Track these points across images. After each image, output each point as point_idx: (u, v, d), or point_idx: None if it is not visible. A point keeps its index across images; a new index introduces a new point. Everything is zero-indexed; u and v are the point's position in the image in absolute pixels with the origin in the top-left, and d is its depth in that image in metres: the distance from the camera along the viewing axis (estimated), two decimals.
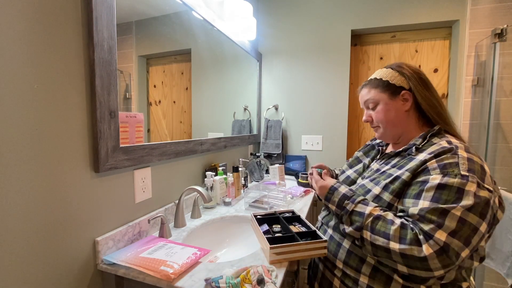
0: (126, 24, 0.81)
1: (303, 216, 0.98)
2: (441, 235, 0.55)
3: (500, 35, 1.38)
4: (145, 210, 0.91)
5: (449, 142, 0.66)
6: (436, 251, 0.54)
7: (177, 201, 0.98)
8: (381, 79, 0.77)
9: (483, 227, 0.56)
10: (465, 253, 0.55)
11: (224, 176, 1.27)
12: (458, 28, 1.59)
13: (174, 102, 1.07)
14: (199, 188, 0.93)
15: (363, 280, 0.68)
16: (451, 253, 0.54)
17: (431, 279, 0.62)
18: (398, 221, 0.61)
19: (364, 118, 0.84)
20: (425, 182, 0.61)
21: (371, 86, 0.80)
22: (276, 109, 2.00)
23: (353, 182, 0.86)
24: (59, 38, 0.61)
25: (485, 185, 0.58)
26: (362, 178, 0.81)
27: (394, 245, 0.58)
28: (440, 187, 0.58)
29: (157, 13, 0.95)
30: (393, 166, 0.72)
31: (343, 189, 0.75)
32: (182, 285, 0.63)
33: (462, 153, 0.62)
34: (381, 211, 0.65)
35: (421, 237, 0.56)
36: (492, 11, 1.47)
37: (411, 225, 0.59)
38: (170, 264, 0.67)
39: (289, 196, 1.37)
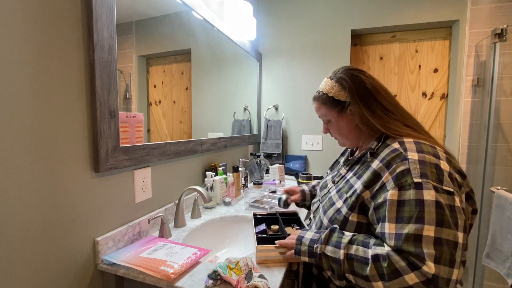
0: (126, 24, 0.81)
1: (302, 217, 0.98)
2: (429, 268, 0.49)
3: (500, 35, 1.38)
4: (145, 210, 0.91)
5: (401, 143, 0.62)
6: (423, 281, 0.50)
7: (177, 201, 0.98)
8: (327, 94, 0.74)
9: (461, 237, 0.51)
10: (455, 275, 0.50)
11: (224, 176, 1.27)
12: (458, 28, 1.59)
13: (174, 102, 1.07)
14: (199, 188, 0.93)
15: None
16: (441, 283, 0.49)
17: None
18: (369, 255, 0.56)
19: (323, 130, 0.83)
20: (386, 202, 0.57)
21: (321, 102, 0.77)
22: (276, 109, 2.00)
23: (325, 186, 0.83)
24: (59, 38, 0.61)
25: (444, 187, 0.54)
26: (334, 183, 0.79)
27: (378, 285, 0.54)
28: (400, 204, 0.55)
29: (157, 13, 0.95)
30: (354, 174, 0.70)
31: (308, 237, 0.68)
32: (182, 285, 0.63)
33: (412, 155, 0.57)
34: (350, 248, 0.59)
35: (404, 264, 0.52)
36: (492, 11, 1.47)
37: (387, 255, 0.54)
38: (170, 264, 0.67)
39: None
